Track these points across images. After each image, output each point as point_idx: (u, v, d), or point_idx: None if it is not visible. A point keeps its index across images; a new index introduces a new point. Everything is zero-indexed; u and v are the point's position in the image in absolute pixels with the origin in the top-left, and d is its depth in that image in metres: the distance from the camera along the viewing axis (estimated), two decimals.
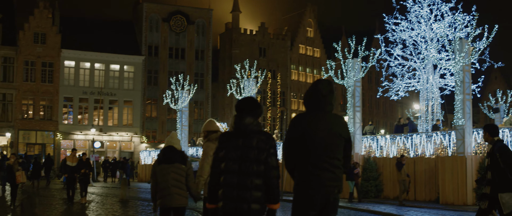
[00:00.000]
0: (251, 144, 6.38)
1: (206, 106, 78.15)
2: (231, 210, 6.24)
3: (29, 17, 69.00)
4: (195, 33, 78.39)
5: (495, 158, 10.82)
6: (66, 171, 26.06)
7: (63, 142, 68.40)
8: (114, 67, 72.43)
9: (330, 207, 6.55)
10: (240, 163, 6.33)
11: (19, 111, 67.88)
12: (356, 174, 27.78)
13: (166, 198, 9.68)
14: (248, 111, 6.57)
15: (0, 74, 67.45)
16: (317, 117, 6.69)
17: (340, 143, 6.65)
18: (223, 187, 6.31)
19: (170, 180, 9.67)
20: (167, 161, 9.82)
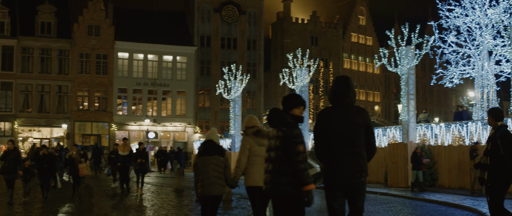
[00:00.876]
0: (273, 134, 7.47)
1: (258, 96, 78.24)
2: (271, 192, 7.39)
3: (83, 10, 69.94)
4: (246, 23, 78.45)
5: (496, 143, 10.57)
6: (119, 160, 25.25)
7: (118, 133, 69.22)
8: (167, 58, 72.95)
9: (353, 189, 7.35)
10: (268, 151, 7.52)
11: (75, 103, 68.92)
12: (423, 163, 27.33)
13: (206, 187, 10.52)
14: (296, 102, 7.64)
15: (56, 67, 68.56)
16: (335, 110, 7.54)
17: (359, 132, 7.41)
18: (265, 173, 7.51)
19: (210, 171, 10.54)
20: (207, 153, 10.69)
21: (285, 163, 7.22)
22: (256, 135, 10.07)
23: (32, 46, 67.72)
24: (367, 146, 7.48)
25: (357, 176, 7.29)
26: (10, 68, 66.90)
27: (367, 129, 7.46)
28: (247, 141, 10.03)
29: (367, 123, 7.47)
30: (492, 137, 10.76)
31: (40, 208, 19.46)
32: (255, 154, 9.90)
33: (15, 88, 66.96)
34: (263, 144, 9.76)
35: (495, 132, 10.75)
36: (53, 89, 68.28)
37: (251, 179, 9.87)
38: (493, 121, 10.92)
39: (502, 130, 10.65)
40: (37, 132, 67.89)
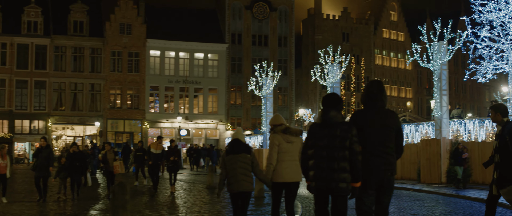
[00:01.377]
0: (335, 134, 7.71)
1: (290, 93, 78.18)
2: (322, 188, 7.73)
3: (115, 8, 70.41)
4: (277, 19, 78.39)
5: (505, 140, 10.33)
6: (150, 158, 24.86)
7: (150, 130, 69.59)
8: (199, 55, 73.15)
9: (385, 187, 7.97)
10: (327, 150, 7.70)
11: (107, 101, 69.43)
12: (464, 159, 27.01)
13: (234, 184, 10.79)
14: (332, 106, 7.92)
15: (88, 65, 69.14)
16: (370, 113, 8.05)
17: (391, 134, 7.99)
18: (314, 169, 7.77)
19: (238, 168, 10.80)
20: (234, 151, 10.95)
21: (341, 161, 7.66)
22: (284, 132, 10.50)
23: (65, 45, 68.37)
24: (396, 147, 8.06)
25: (389, 174, 7.93)
26: (43, 67, 67.59)
27: (397, 131, 8.07)
28: (276, 138, 10.46)
29: (398, 125, 8.09)
30: (499, 134, 10.53)
31: (73, 206, 19.57)
32: (284, 151, 10.36)
33: (48, 87, 67.64)
34: (291, 141, 10.39)
35: (502, 128, 10.52)
36: (86, 87, 68.88)
37: (278, 175, 10.37)
38: (500, 116, 10.67)
39: (510, 126, 10.40)
40: (70, 130, 68.53)
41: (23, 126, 67.10)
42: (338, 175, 7.64)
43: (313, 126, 8.04)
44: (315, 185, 7.79)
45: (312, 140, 7.91)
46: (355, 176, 7.69)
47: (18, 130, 66.26)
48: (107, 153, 23.97)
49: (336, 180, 7.65)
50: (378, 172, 7.86)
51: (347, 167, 7.65)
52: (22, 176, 38.20)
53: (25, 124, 67.18)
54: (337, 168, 7.65)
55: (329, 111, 7.89)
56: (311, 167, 7.86)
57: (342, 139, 7.67)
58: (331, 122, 7.83)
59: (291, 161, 10.36)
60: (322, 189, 7.79)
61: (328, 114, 7.88)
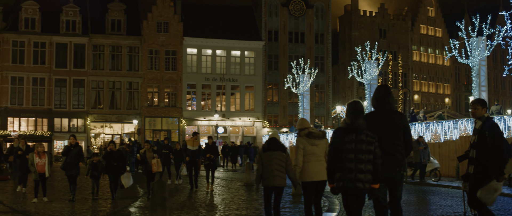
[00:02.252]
0: (361, 139, 8.38)
1: (326, 90, 77.94)
2: (350, 188, 8.29)
3: (152, 7, 70.80)
4: (314, 16, 78.19)
5: (484, 136, 10.15)
6: (187, 155, 24.41)
7: (188, 128, 69.87)
8: (235, 53, 73.24)
9: (394, 181, 8.87)
10: (355, 153, 8.33)
11: (145, 99, 69.87)
12: None
13: (270, 179, 11.93)
14: (359, 113, 8.59)
15: (126, 64, 69.64)
16: (379, 114, 9.00)
17: (399, 133, 8.88)
18: (343, 171, 8.36)
19: (274, 165, 11.93)
20: (271, 149, 12.09)
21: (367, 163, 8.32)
22: (308, 136, 11.35)
23: (103, 44, 68.96)
24: (405, 145, 8.96)
25: (398, 170, 8.85)
26: (82, 65, 68.26)
27: (405, 130, 8.96)
28: (301, 142, 11.35)
29: (406, 125, 8.98)
30: (479, 129, 10.34)
31: (111, 204, 19.49)
32: (309, 153, 11.21)
33: (87, 85, 68.28)
34: (315, 144, 11.25)
35: (483, 123, 10.32)
36: (124, 85, 69.40)
37: (306, 174, 11.21)
38: (483, 112, 10.49)
39: (491, 122, 10.26)
40: (108, 128, 69.11)
41: (62, 124, 67.81)
42: (364, 176, 8.30)
43: (339, 131, 8.64)
44: (342, 185, 8.36)
45: (339, 144, 8.49)
46: (376, 178, 8.39)
47: (57, 129, 66.98)
48: (146, 152, 22.74)
49: (362, 181, 8.29)
50: (388, 168, 8.72)
51: (371, 169, 8.33)
52: (61, 173, 38.48)
53: (64, 123, 67.90)
54: (364, 170, 8.30)
55: (358, 119, 8.54)
56: (338, 169, 8.44)
57: (368, 144, 8.37)
58: (360, 128, 8.46)
59: (317, 161, 11.19)
60: (349, 190, 8.38)
61: (357, 121, 8.52)
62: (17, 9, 67.55)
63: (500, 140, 10.02)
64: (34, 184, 20.21)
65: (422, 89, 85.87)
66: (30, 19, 67.14)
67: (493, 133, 10.05)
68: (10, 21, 67.41)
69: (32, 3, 66.91)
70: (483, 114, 10.45)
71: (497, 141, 9.98)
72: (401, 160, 8.86)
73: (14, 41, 66.72)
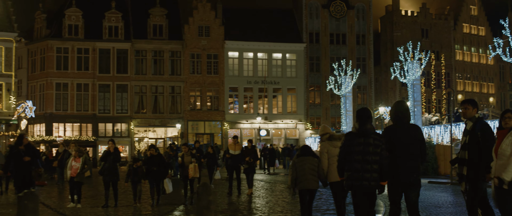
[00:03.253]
0: (369, 142, 9.57)
1: (369, 91, 77.54)
2: (357, 186, 9.57)
3: (193, 11, 71.18)
4: (355, 17, 77.84)
5: (476, 136, 10.11)
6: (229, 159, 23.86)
7: (230, 131, 70.02)
8: (277, 55, 73.24)
9: (411, 185, 9.86)
10: (362, 154, 9.54)
11: (188, 103, 70.22)
12: None
13: (303, 182, 12.98)
14: (367, 119, 9.73)
15: (168, 68, 70.10)
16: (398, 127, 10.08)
17: (416, 143, 9.90)
18: (350, 171, 9.63)
19: (306, 169, 12.97)
20: (304, 154, 13.16)
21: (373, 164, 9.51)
22: (330, 140, 12.68)
23: (145, 49, 69.52)
24: (421, 154, 9.94)
25: (414, 176, 9.84)
26: (124, 70, 68.91)
27: (421, 141, 9.98)
28: (324, 146, 12.70)
29: (421, 137, 10.03)
30: (470, 130, 10.28)
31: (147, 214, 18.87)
32: (333, 155, 12.26)
33: (130, 90, 68.90)
34: (337, 146, 12.01)
35: (474, 124, 10.29)
36: (166, 90, 69.85)
37: (332, 175, 12.37)
38: (474, 112, 10.45)
39: (482, 122, 10.22)
40: (152, 132, 69.58)
41: (107, 129, 68.54)
42: (370, 175, 9.51)
43: (349, 135, 9.89)
44: (350, 183, 9.66)
45: (349, 146, 9.74)
46: (384, 176, 9.59)
47: (101, 133, 67.66)
48: (184, 155, 21.84)
49: (368, 179, 9.52)
50: (405, 174, 9.79)
51: (377, 169, 9.53)
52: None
53: (108, 127, 68.63)
54: (370, 169, 9.51)
55: (366, 124, 9.70)
56: (347, 169, 9.73)
57: (375, 147, 9.55)
58: (367, 132, 9.64)
59: None
60: (356, 187, 9.64)
61: (365, 126, 9.68)
62: (61, 16, 68.47)
63: (491, 141, 9.97)
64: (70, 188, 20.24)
65: (466, 89, 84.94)
66: (74, 25, 67.99)
67: (484, 133, 10.06)
68: (54, 28, 68.36)
69: (75, 10, 67.74)
70: (474, 114, 10.46)
71: (489, 142, 9.96)
72: (416, 167, 9.89)
73: (58, 48, 67.62)
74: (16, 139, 17.73)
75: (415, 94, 40.24)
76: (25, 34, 68.16)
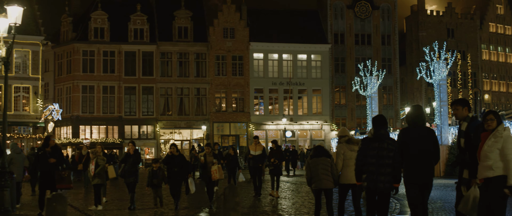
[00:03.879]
0: (383, 146, 10.42)
1: (394, 91, 77.16)
2: (371, 187, 10.40)
3: (218, 13, 71.33)
4: (380, 18, 77.52)
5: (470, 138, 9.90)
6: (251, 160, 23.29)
7: (256, 132, 69.93)
8: (301, 56, 73.15)
9: (426, 184, 10.27)
10: (377, 158, 10.37)
11: (213, 104, 70.36)
12: None
13: (317, 182, 13.38)
14: (382, 125, 10.62)
15: (194, 70, 70.27)
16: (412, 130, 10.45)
17: (430, 145, 10.23)
18: (367, 173, 10.45)
19: (320, 169, 13.32)
20: (317, 155, 13.47)
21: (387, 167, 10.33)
22: (348, 143, 13.13)
23: (171, 51, 69.75)
24: (434, 155, 10.29)
25: (428, 176, 10.29)
26: (150, 73, 69.18)
27: (434, 143, 10.32)
28: (342, 148, 13.14)
29: (435, 139, 10.41)
30: (466, 130, 10.07)
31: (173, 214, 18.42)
32: (348, 158, 12.84)
33: (156, 92, 69.16)
34: (354, 149, 12.56)
35: (468, 124, 10.09)
36: (192, 91, 70.04)
37: (345, 178, 12.97)
38: (467, 112, 10.23)
39: (475, 123, 9.98)
40: (178, 134, 69.79)
41: (133, 131, 68.85)
42: (384, 178, 10.34)
43: (365, 140, 10.76)
44: (366, 185, 10.46)
45: (365, 151, 10.56)
46: (396, 178, 10.39)
47: (127, 136, 67.92)
48: (206, 156, 20.22)
49: (382, 181, 10.35)
50: (420, 174, 10.16)
51: (391, 172, 10.34)
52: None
53: (134, 130, 68.94)
54: (384, 172, 10.32)
55: (380, 129, 10.58)
56: (364, 172, 10.51)
57: (389, 151, 10.36)
58: (382, 137, 10.50)
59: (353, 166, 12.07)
60: (371, 189, 10.47)
61: (380, 131, 10.54)
62: (87, 19, 68.92)
63: None
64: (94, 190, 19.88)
65: (493, 88, 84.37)
66: (99, 28, 68.40)
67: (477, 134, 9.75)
68: (80, 31, 68.80)
69: (101, 13, 68.14)
70: (466, 114, 10.27)
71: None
72: (430, 168, 10.34)
73: (84, 51, 68.07)
74: (43, 140, 17.42)
75: (442, 94, 39.99)
76: (51, 37, 68.92)
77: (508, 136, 9.26)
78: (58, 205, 14.75)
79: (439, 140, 37.80)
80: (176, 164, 19.10)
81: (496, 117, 9.45)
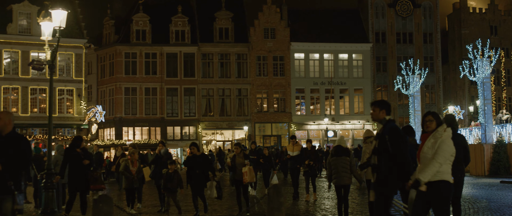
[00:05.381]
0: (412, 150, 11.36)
1: (437, 90, 76.50)
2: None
3: (259, 13, 71.46)
4: (421, 16, 76.93)
5: (385, 140, 9.34)
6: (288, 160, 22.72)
7: (297, 132, 69.97)
8: (343, 56, 72.95)
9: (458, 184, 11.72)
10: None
11: (254, 105, 70.52)
12: None
13: (338, 179, 14.69)
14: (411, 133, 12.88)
15: (235, 71, 70.47)
16: None
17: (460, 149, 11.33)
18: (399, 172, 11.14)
19: (340, 167, 14.64)
20: (337, 154, 14.74)
21: None
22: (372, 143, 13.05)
23: (212, 52, 70.03)
24: (464, 157, 12.29)
25: (459, 176, 11.94)
26: (192, 74, 69.57)
27: (464, 148, 12.32)
28: (367, 147, 13.81)
29: (465, 144, 12.47)
30: (380, 133, 9.54)
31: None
32: None
33: (197, 93, 69.51)
34: None
35: (383, 127, 9.55)
36: (233, 92, 70.27)
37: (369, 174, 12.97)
38: (384, 114, 9.70)
39: (391, 125, 9.47)
40: (219, 135, 70.06)
41: (175, 132, 69.32)
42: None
43: None
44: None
45: None
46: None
47: (170, 137, 68.40)
48: (236, 157, 18.34)
49: None
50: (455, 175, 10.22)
51: None
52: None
53: (176, 131, 69.40)
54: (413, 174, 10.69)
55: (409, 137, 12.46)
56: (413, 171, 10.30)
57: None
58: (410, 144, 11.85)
59: None
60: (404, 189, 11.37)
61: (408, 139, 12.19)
62: (129, 21, 69.55)
63: (400, 144, 9.34)
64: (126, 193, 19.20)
65: None
66: (141, 31, 68.96)
67: (392, 137, 9.35)
68: (122, 33, 69.46)
69: (143, 15, 68.70)
70: (383, 116, 9.72)
71: (397, 146, 9.31)
72: (462, 169, 12.23)
73: (127, 53, 68.72)
74: (73, 141, 16.80)
75: (485, 92, 39.51)
76: (94, 40, 69.77)
77: (447, 137, 8.98)
78: (105, 205, 14.90)
79: (483, 139, 37.53)
80: (198, 165, 17.30)
81: (435, 118, 9.22)
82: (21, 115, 59.19)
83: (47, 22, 20.66)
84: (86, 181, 16.48)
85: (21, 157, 9.65)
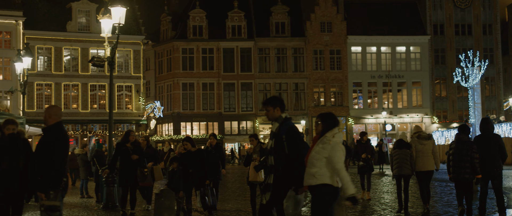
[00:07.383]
0: (463, 147, 13.89)
1: (497, 82, 75.20)
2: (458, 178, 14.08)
3: (315, 7, 71.19)
4: (481, 7, 75.59)
5: (281, 140, 8.87)
6: None
7: (355, 126, 69.68)
8: (400, 49, 72.27)
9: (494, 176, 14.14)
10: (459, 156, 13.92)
11: (311, 99, 70.40)
12: None
13: (399, 169, 15.71)
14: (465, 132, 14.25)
15: (291, 65, 70.43)
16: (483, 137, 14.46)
17: (496, 148, 14.04)
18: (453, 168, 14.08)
19: (401, 159, 15.62)
20: (399, 147, 15.78)
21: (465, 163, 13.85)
22: (419, 138, 15.57)
23: (268, 47, 70.11)
24: (501, 155, 14.12)
25: (495, 169, 14.04)
26: (248, 69, 69.77)
27: (500, 146, 14.14)
28: (413, 141, 15.59)
29: (501, 143, 14.28)
30: (277, 132, 9.06)
31: None
32: (418, 150, 15.40)
33: (254, 88, 69.69)
34: (423, 143, 15.42)
35: (280, 125, 9.05)
36: (290, 86, 70.24)
37: (418, 166, 15.47)
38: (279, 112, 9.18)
39: (288, 124, 9.04)
40: None
41: (232, 127, 69.72)
42: (464, 170, 13.84)
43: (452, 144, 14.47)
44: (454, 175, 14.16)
45: (452, 149, 14.21)
46: (476, 171, 13.75)
47: (227, 131, 68.84)
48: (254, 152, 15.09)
49: (463, 173, 13.89)
50: (490, 169, 14.04)
51: (469, 166, 13.78)
52: (233, 175, 39.32)
53: (234, 126, 69.80)
54: (463, 166, 13.84)
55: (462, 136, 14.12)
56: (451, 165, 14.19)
57: (467, 150, 13.82)
58: (462, 140, 14.04)
59: (424, 156, 15.34)
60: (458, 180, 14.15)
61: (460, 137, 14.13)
62: (185, 17, 70.02)
63: (298, 144, 8.96)
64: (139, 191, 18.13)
65: None
66: (198, 26, 69.38)
67: (289, 137, 8.93)
68: (179, 29, 70.00)
69: (199, 11, 69.08)
70: (278, 114, 9.21)
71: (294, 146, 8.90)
72: (498, 164, 14.14)
73: (184, 49, 69.22)
74: (123, 135, 16.45)
75: None
76: (152, 36, 70.49)
77: (336, 143, 8.45)
78: (166, 200, 15.01)
79: None
80: (192, 164, 15.22)
81: (322, 121, 8.68)
82: (81, 111, 60.30)
83: (106, 19, 20.90)
84: (135, 177, 16.04)
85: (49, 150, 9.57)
